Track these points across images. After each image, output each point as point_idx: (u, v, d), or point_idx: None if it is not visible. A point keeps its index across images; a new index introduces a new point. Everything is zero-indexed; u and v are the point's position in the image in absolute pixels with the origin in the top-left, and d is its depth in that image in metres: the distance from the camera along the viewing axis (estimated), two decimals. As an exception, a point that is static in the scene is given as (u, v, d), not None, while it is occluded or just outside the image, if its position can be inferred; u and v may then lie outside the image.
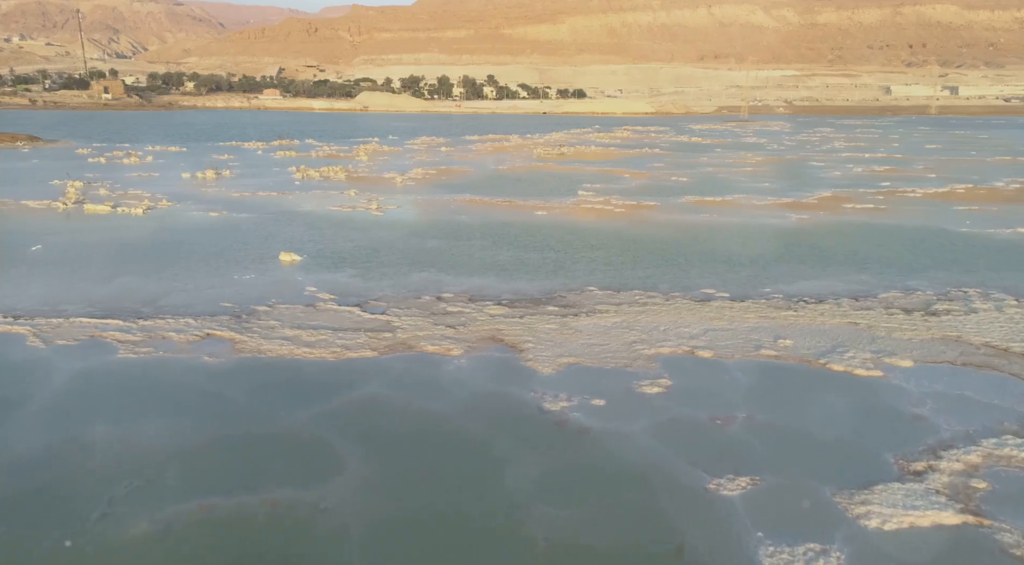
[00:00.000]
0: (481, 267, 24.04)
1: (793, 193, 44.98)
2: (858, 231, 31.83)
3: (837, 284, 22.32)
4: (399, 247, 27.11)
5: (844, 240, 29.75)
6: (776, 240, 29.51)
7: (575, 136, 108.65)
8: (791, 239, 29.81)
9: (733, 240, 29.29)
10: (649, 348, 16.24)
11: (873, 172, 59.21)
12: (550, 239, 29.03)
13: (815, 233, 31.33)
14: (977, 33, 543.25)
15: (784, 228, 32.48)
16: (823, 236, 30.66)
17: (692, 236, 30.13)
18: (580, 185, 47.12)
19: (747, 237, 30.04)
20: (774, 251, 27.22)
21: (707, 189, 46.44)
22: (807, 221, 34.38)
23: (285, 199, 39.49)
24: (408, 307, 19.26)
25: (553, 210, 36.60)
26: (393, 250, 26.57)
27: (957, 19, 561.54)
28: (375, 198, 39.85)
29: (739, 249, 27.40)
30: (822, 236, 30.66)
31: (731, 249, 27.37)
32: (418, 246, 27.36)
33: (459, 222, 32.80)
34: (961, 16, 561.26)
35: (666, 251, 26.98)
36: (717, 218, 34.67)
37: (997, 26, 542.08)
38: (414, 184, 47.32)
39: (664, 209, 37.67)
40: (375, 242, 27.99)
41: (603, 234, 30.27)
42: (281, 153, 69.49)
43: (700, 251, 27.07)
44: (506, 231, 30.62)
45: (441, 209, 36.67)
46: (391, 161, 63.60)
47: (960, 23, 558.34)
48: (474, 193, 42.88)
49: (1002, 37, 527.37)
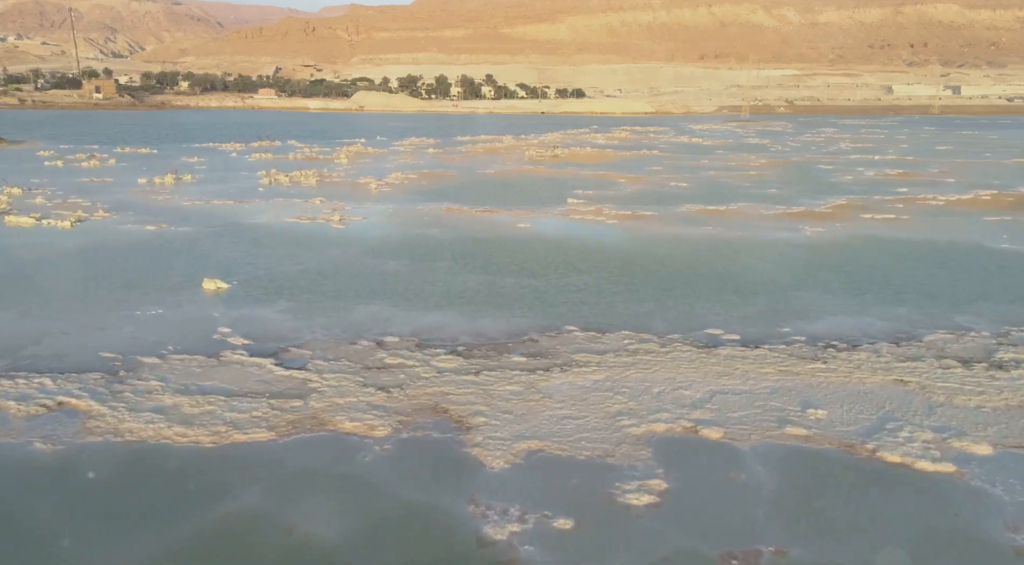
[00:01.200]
0: (442, 298, 20.08)
1: (803, 201, 41.02)
2: (883, 248, 27.86)
3: (871, 321, 18.37)
4: (351, 270, 23.15)
5: (869, 260, 25.79)
6: (791, 260, 25.54)
7: (571, 137, 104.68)
8: (808, 259, 25.84)
9: (741, 261, 25.32)
10: (638, 423, 12.30)
11: (887, 176, 55.24)
12: (529, 259, 25.09)
13: (834, 250, 27.37)
14: (979, 32, 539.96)
15: (798, 244, 28.50)
16: (844, 254, 26.70)
17: (693, 256, 26.16)
18: (571, 192, 43.17)
19: (757, 257, 26.07)
20: (790, 275, 23.26)
21: (709, 196, 42.49)
22: (823, 236, 30.40)
23: (240, 209, 35.53)
24: (337, 358, 15.30)
25: (538, 222, 32.64)
26: (342, 275, 22.60)
27: (958, 18, 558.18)
28: (341, 207, 35.90)
29: (748, 272, 23.44)
30: (843, 254, 26.70)
31: (739, 273, 23.40)
32: (374, 269, 23.39)
33: (428, 238, 28.83)
34: (962, 15, 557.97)
35: (663, 275, 23.01)
36: (721, 232, 30.70)
37: (999, 25, 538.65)
38: (390, 190, 43.36)
39: (662, 220, 33.71)
40: (325, 264, 24.03)
41: (591, 253, 26.31)
42: (257, 155, 65.47)
43: (703, 275, 23.10)
44: (480, 249, 26.66)
45: (412, 221, 32.69)
46: (371, 164, 59.63)
47: (961, 22, 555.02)
48: (453, 201, 38.92)
49: (1004, 36, 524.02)
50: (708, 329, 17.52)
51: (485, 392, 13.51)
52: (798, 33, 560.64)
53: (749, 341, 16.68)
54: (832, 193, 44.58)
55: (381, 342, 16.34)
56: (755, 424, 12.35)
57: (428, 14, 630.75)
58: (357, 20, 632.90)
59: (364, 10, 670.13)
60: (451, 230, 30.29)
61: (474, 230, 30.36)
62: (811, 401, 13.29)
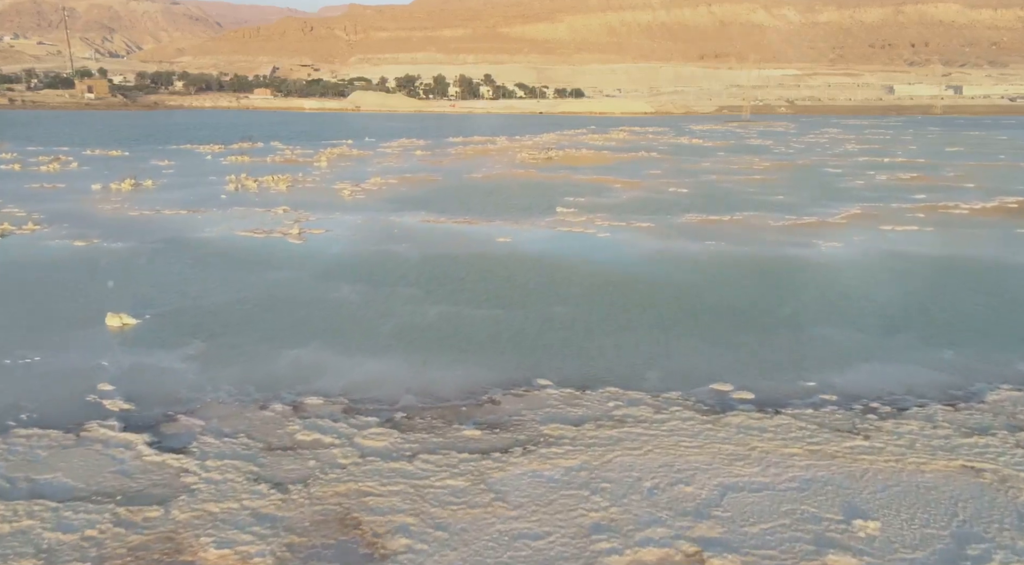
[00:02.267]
0: (392, 338, 16.60)
1: (814, 209, 37.52)
2: (913, 268, 24.37)
3: (915, 371, 14.88)
4: (293, 300, 19.67)
5: (900, 284, 22.30)
6: (808, 286, 22.04)
7: (567, 138, 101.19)
8: (828, 283, 22.34)
9: (750, 286, 21.83)
10: (621, 548, 8.81)
11: (900, 181, 51.75)
12: (505, 285, 21.61)
13: (857, 272, 23.87)
14: (980, 32, 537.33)
15: (814, 264, 25.00)
16: (869, 277, 23.21)
17: (695, 280, 22.65)
18: (561, 199, 39.69)
19: (769, 281, 22.58)
20: (809, 305, 19.77)
21: (711, 204, 39.00)
22: (842, 253, 26.89)
23: (191, 220, 32.02)
24: (235, 433, 11.80)
25: (521, 236, 29.15)
26: (282, 306, 19.12)
27: (960, 18, 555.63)
28: (305, 218, 32.42)
29: (760, 303, 19.96)
30: (868, 277, 23.21)
31: (749, 303, 19.91)
32: (320, 298, 19.91)
33: (394, 256, 25.33)
34: (963, 15, 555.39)
35: (660, 306, 19.52)
36: (726, 248, 27.20)
37: (1000, 25, 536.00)
38: (364, 198, 39.86)
39: (660, 233, 30.21)
40: (264, 291, 20.54)
41: (577, 276, 22.81)
42: (233, 158, 61.97)
43: (707, 306, 19.61)
44: (450, 271, 23.17)
45: (379, 235, 29.19)
46: (352, 168, 56.12)
47: (963, 22, 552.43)
48: (430, 211, 35.43)
49: (1005, 36, 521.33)
50: (715, 383, 14.04)
51: (417, 491, 10.02)
52: (798, 33, 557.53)
53: (767, 402, 13.20)
54: (844, 200, 41.09)
55: (299, 405, 12.85)
56: (783, 547, 8.86)
57: (427, 14, 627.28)
58: (355, 20, 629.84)
59: (363, 10, 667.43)
60: (422, 246, 26.79)
61: (448, 246, 26.86)
62: (856, 504, 9.80)
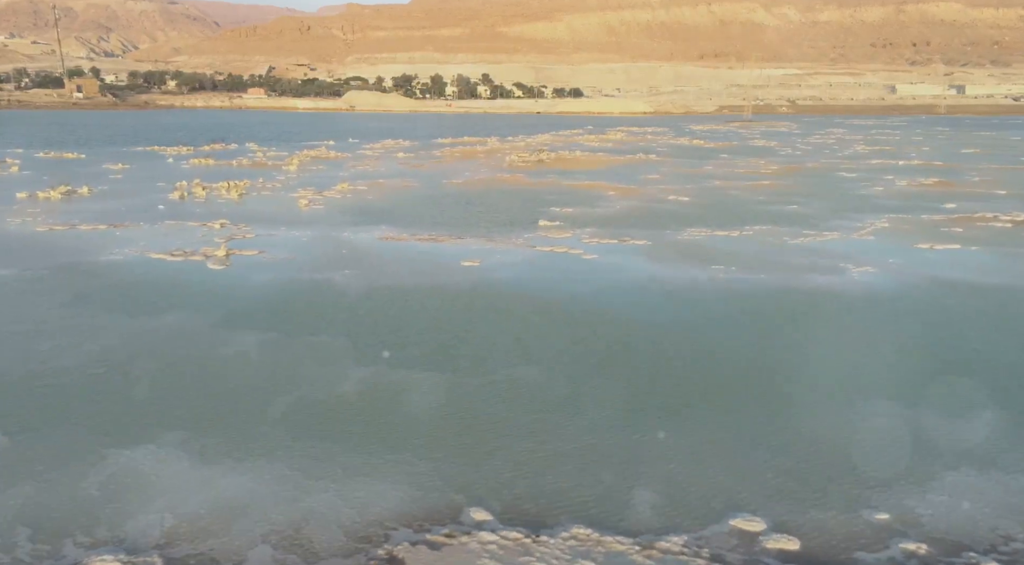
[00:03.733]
0: (279, 428, 11.83)
1: (835, 222, 32.75)
2: (974, 304, 19.56)
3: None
4: (170, 357, 14.90)
5: (963, 330, 17.49)
6: (848, 335, 17.23)
7: (563, 138, 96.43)
8: (870, 330, 17.55)
9: (772, 336, 17.04)
10: None
11: (923, 187, 47.00)
12: (457, 332, 16.86)
13: (901, 311, 19.10)
14: (981, 31, 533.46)
15: (847, 298, 20.20)
16: (918, 318, 18.44)
17: (698, 326, 17.85)
18: (546, 209, 34.93)
19: (795, 327, 17.79)
20: (850, 368, 14.99)
21: (716, 215, 34.23)
22: (878, 281, 22.09)
23: (107, 237, 27.23)
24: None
25: (492, 258, 24.38)
26: (147, 369, 14.32)
27: (961, 17, 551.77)
28: (242, 235, 27.65)
29: (790, 364, 15.18)
30: (916, 318, 18.44)
31: (774, 364, 15.13)
32: (208, 354, 15.14)
33: (329, 289, 20.55)
34: (965, 14, 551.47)
35: (653, 375, 14.70)
36: (737, 276, 22.41)
37: (1002, 24, 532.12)
38: (322, 208, 35.07)
39: (656, 255, 25.43)
40: (139, 344, 15.76)
41: (550, 320, 18.01)
42: (197, 161, 57.17)
43: (717, 372, 14.81)
44: (394, 311, 18.42)
45: (322, 258, 24.40)
46: (322, 172, 51.32)
47: (964, 21, 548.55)
48: (394, 224, 30.66)
49: (1007, 35, 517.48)
50: (736, 518, 9.29)
51: None
52: (799, 32, 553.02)
53: (819, 553, 8.45)
54: (867, 210, 36.33)
55: (80, 576, 8.09)
56: None
57: (425, 13, 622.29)
58: (353, 19, 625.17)
59: (361, 9, 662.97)
60: (369, 274, 22.01)
61: (400, 274, 22.09)
62: None
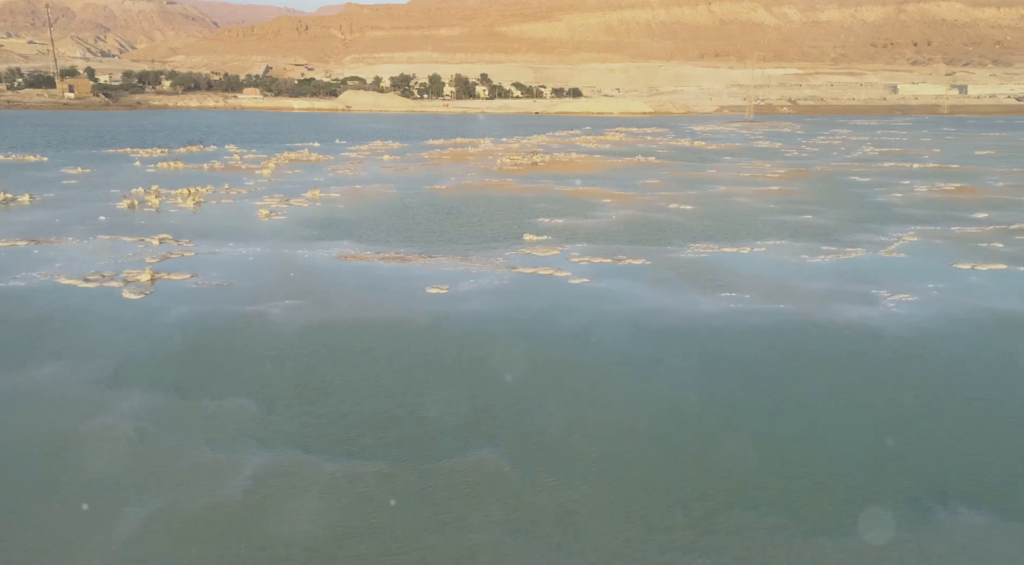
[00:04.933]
0: (116, 554, 8.23)
1: (858, 236, 29.13)
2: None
3: None
4: (10, 436, 11.30)
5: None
6: (896, 389, 13.58)
7: (559, 140, 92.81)
8: (922, 380, 13.90)
9: (803, 394, 13.37)
10: None
11: (945, 193, 43.40)
12: (404, 398, 13.21)
13: (960, 353, 15.46)
14: (983, 31, 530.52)
15: (893, 338, 16.54)
16: (983, 367, 14.81)
17: (710, 380, 14.18)
18: (534, 220, 31.33)
19: (830, 380, 14.10)
20: (914, 447, 11.38)
21: (723, 227, 30.62)
22: (921, 314, 18.46)
23: (23, 255, 23.57)
24: None
25: (462, 284, 20.75)
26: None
27: (962, 16, 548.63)
28: (179, 253, 24.04)
29: (820, 453, 11.55)
30: (979, 366, 14.82)
31: (803, 456, 11.49)
32: (58, 430, 11.51)
33: (257, 327, 16.92)
34: (966, 13, 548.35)
35: (651, 464, 11.08)
36: (752, 308, 18.77)
37: (1003, 23, 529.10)
38: (283, 220, 31.43)
39: (655, 278, 21.80)
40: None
41: (527, 372, 14.34)
42: (165, 164, 53.49)
43: (735, 462, 11.19)
44: (326, 362, 14.77)
45: (260, 284, 20.76)
46: (296, 177, 47.66)
47: (965, 20, 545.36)
48: (358, 239, 27.04)
49: (1009, 35, 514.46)
50: None
51: None
52: (799, 31, 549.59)
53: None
54: (890, 221, 32.71)
55: None
56: None
57: (423, 12, 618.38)
58: (351, 19, 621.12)
59: (359, 8, 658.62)
60: (311, 305, 18.39)
61: (351, 305, 18.46)
62: None
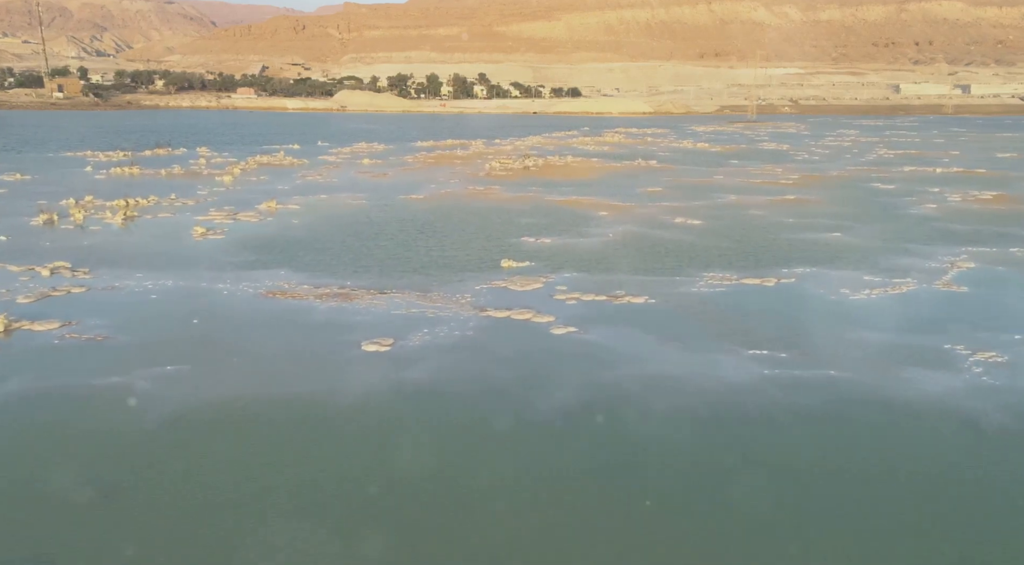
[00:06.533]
0: None
1: (900, 260, 24.38)
2: None
3: None
4: None
5: None
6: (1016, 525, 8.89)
7: (555, 141, 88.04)
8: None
9: (879, 527, 8.70)
10: None
11: (983, 203, 38.68)
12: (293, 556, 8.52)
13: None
14: (985, 30, 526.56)
15: (996, 429, 11.83)
16: None
17: (743, 504, 9.44)
18: (516, 241, 26.59)
19: (919, 508, 9.42)
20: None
21: (739, 249, 25.87)
22: (1016, 381, 13.76)
23: None
24: None
25: (412, 337, 15.97)
26: None
27: (964, 16, 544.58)
28: (63, 290, 19.28)
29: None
30: None
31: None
32: None
33: (109, 413, 12.17)
34: (968, 13, 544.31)
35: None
36: (789, 375, 13.99)
37: (1005, 23, 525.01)
38: (219, 240, 26.64)
39: (662, 328, 17.05)
40: None
41: (467, 510, 9.67)
42: (118, 170, 48.69)
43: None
44: (186, 483, 10.04)
45: (146, 337, 16.00)
46: (259, 185, 42.88)
47: (967, 20, 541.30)
48: (298, 268, 22.28)
49: (1011, 34, 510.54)
50: None
51: None
52: (800, 31, 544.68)
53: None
54: (934, 240, 27.97)
55: None
56: None
57: (422, 11, 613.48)
58: (349, 18, 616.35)
59: (357, 8, 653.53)
60: (194, 376, 13.61)
61: (253, 373, 13.70)
62: None
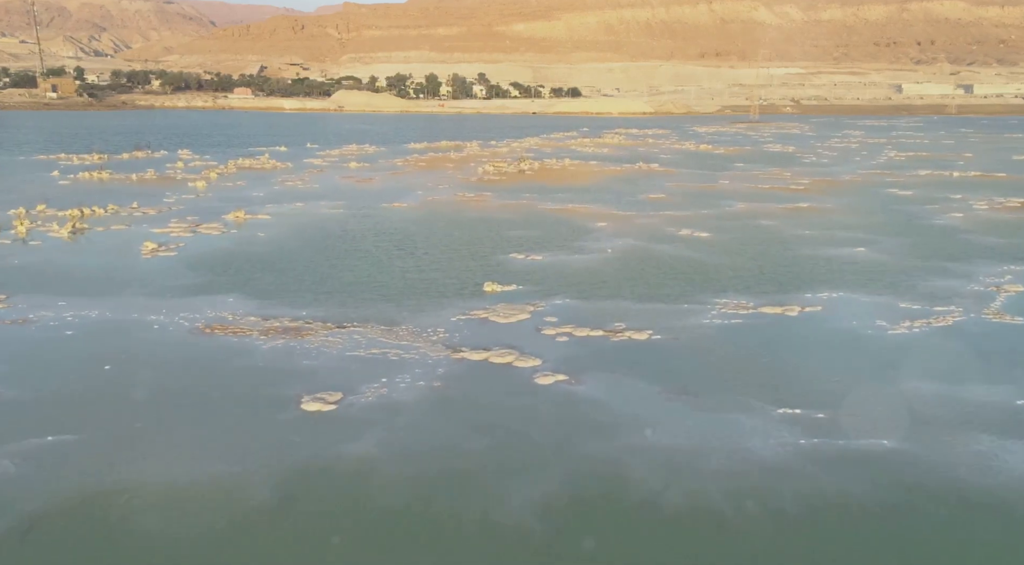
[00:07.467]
0: None
1: (940, 283, 21.45)
2: None
3: None
4: None
5: None
6: None
7: (553, 143, 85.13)
8: None
9: None
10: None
11: (1013, 211, 35.76)
12: None
13: None
14: (987, 30, 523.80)
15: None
16: None
17: None
18: (503, 258, 23.69)
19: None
20: None
21: (754, 268, 22.96)
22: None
23: None
24: None
25: (361, 393, 13.05)
26: None
27: (966, 15, 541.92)
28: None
29: None
30: None
31: None
32: None
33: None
34: (970, 12, 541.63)
35: None
36: (830, 446, 11.06)
37: (1007, 22, 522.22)
38: (169, 258, 23.72)
39: (670, 375, 14.12)
40: None
41: None
42: (86, 174, 45.76)
43: None
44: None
45: (30, 398, 13.08)
46: (234, 191, 39.96)
47: (969, 19, 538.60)
48: (250, 295, 19.37)
49: (1013, 34, 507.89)
50: None
51: None
52: (801, 30, 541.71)
53: None
54: (969, 256, 25.04)
55: None
56: None
57: (421, 11, 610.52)
58: (348, 18, 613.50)
59: (357, 8, 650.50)
60: (80, 450, 10.70)
61: (138, 453, 10.77)
62: None
